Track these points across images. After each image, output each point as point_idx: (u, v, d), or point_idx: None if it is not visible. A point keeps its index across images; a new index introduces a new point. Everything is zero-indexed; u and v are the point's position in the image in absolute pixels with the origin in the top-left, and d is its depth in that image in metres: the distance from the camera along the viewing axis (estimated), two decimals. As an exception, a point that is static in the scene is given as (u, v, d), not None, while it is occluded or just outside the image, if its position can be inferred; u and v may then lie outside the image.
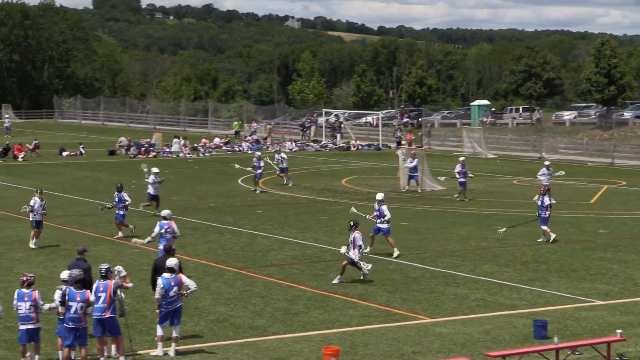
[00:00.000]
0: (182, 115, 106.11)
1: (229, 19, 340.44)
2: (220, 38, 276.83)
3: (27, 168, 60.56)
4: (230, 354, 19.75)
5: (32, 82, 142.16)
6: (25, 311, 18.72)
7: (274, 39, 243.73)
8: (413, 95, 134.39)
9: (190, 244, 32.55)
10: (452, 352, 19.79)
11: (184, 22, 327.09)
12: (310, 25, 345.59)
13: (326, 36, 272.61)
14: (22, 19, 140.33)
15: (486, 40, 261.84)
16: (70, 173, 57.12)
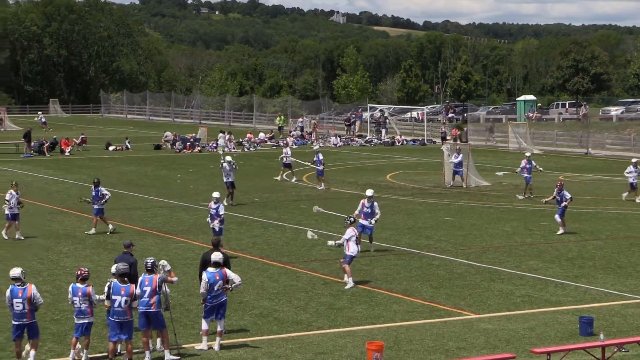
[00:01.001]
0: (227, 110, 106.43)
1: (274, 14, 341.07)
2: (266, 33, 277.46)
3: (74, 162, 60.99)
4: (274, 348, 19.79)
5: (79, 77, 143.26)
6: (80, 306, 18.86)
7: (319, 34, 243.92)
8: (458, 91, 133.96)
9: (235, 238, 32.65)
10: (497, 348, 19.72)
11: (230, 17, 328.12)
12: (356, 20, 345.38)
13: (371, 31, 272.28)
14: (68, 15, 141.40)
15: (533, 35, 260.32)
16: (116, 167, 57.47)
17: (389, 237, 32.87)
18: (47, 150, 66.09)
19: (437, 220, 36.92)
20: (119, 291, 18.71)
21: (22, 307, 18.51)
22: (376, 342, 19.01)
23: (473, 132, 79.77)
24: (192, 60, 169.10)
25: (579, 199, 42.50)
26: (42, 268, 27.66)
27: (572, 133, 76.23)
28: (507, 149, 71.50)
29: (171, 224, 35.84)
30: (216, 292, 19.73)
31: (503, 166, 58.12)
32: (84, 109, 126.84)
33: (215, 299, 19.73)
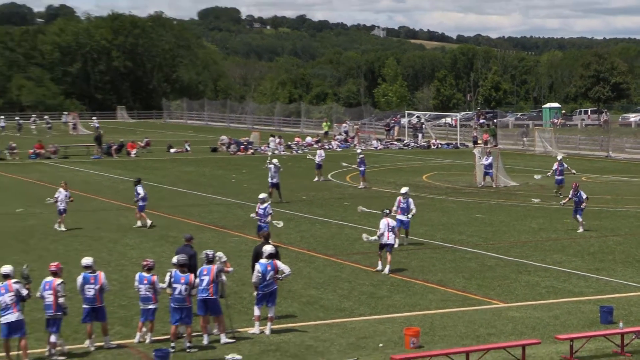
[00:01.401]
0: (277, 116, 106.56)
1: (320, 28, 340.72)
2: (313, 46, 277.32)
3: (139, 163, 61.41)
4: (320, 333, 19.85)
5: (144, 86, 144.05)
6: (145, 293, 19.05)
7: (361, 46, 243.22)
8: (489, 98, 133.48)
9: (285, 233, 32.71)
10: (524, 334, 19.66)
11: (280, 32, 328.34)
12: (395, 34, 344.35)
13: (409, 44, 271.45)
14: (133, 30, 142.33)
15: (557, 47, 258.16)
16: (177, 168, 57.79)
17: (425, 233, 32.84)
18: (115, 152, 66.60)
19: (469, 217, 36.82)
20: (179, 280, 18.87)
21: (93, 293, 18.72)
22: (413, 328, 19.04)
23: (502, 136, 79.41)
24: (246, 71, 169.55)
25: (600, 198, 42.23)
26: (111, 259, 27.92)
27: (593, 138, 75.59)
28: (533, 152, 71.10)
29: (227, 220, 36.01)
30: (268, 281, 19.82)
31: (531, 168, 57.84)
32: (147, 115, 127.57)
33: (267, 288, 19.82)
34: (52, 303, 18.15)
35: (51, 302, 18.15)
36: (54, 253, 28.67)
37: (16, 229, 33.59)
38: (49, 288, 18.21)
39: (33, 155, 63.86)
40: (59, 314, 18.21)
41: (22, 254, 28.55)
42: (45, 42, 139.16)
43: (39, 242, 31.03)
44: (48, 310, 18.18)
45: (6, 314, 17.68)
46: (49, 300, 18.16)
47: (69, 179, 50.15)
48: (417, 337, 18.71)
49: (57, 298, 18.16)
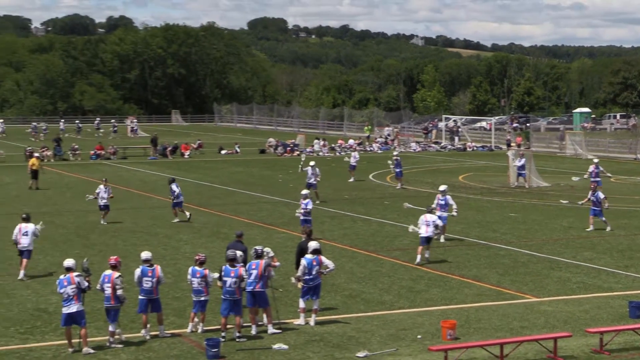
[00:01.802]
0: (322, 120, 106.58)
1: (362, 37, 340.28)
2: (355, 54, 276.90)
3: (192, 164, 61.69)
4: (362, 324, 19.79)
5: (196, 92, 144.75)
6: (197, 286, 19.07)
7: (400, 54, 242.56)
8: (522, 104, 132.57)
9: (328, 229, 32.72)
10: (556, 327, 19.46)
11: (324, 40, 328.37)
12: (433, 42, 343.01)
13: (446, 52, 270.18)
14: (186, 39, 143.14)
15: (587, 55, 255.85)
16: (227, 168, 57.97)
17: (461, 230, 32.65)
18: (170, 153, 66.96)
19: (503, 216, 36.56)
20: (229, 274, 18.88)
21: (150, 285, 18.79)
22: (450, 321, 18.92)
23: (534, 139, 78.82)
24: (292, 77, 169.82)
25: (629, 198, 41.78)
26: (166, 253, 28.03)
27: (622, 141, 74.75)
28: (564, 154, 70.49)
29: (274, 217, 36.05)
30: (313, 275, 19.79)
31: (562, 170, 57.35)
32: (200, 119, 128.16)
33: (312, 281, 19.80)
34: (110, 295, 18.25)
35: (110, 294, 18.25)
36: (113, 247, 28.86)
37: (78, 225, 33.86)
38: (108, 281, 18.31)
39: (94, 156, 64.39)
40: (117, 305, 18.31)
41: (83, 248, 28.77)
42: (106, 51, 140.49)
43: (99, 237, 31.25)
44: (107, 301, 18.28)
45: (68, 304, 17.81)
46: (108, 293, 18.26)
47: (127, 178, 50.59)
48: (453, 329, 18.59)
49: (114, 290, 18.25)
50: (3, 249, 28.64)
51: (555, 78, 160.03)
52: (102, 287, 18.34)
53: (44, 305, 21.44)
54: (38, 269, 25.61)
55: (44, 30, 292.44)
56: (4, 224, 33.86)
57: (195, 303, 19.14)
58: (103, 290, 18.34)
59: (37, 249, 27.67)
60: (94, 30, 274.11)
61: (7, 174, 52.97)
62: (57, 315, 19.52)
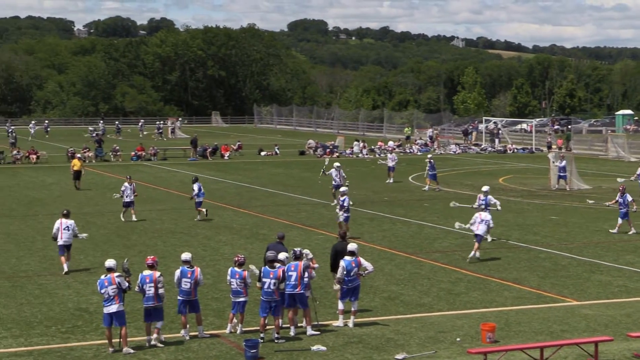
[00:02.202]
0: (361, 121, 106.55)
1: (402, 39, 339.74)
2: (395, 56, 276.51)
3: (231, 165, 61.92)
4: (400, 326, 19.75)
5: (236, 93, 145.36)
6: (236, 287, 19.14)
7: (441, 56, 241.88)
8: (563, 106, 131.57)
9: (367, 232, 32.69)
10: (597, 331, 19.29)
11: (364, 42, 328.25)
12: (473, 44, 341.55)
13: (487, 54, 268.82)
14: (227, 41, 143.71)
15: (630, 57, 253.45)
16: (267, 170, 58.11)
17: (502, 233, 32.47)
18: (210, 154, 67.26)
19: (544, 219, 36.31)
20: (268, 275, 18.91)
21: (188, 286, 18.87)
22: (489, 324, 18.83)
23: (576, 142, 78.21)
24: (332, 79, 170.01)
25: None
26: (205, 254, 28.16)
27: (665, 143, 73.90)
28: (606, 157, 69.86)
29: (313, 219, 36.08)
30: (352, 277, 19.79)
31: (603, 172, 56.85)
32: (240, 120, 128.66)
33: (351, 283, 19.78)
34: (153, 295, 18.36)
35: (152, 294, 18.35)
36: (153, 248, 29.05)
37: (118, 225, 34.13)
38: (150, 281, 18.41)
39: (134, 157, 64.86)
40: (160, 304, 18.43)
41: (124, 248, 28.99)
42: (148, 53, 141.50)
43: (139, 237, 31.47)
44: (149, 301, 18.37)
45: (109, 304, 17.96)
46: (150, 293, 18.36)
47: (167, 179, 50.91)
48: (493, 332, 18.50)
49: (157, 290, 18.37)
50: (45, 249, 28.96)
51: (598, 80, 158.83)
52: (141, 288, 18.44)
53: (85, 305, 21.64)
54: (79, 268, 25.84)
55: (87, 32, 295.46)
56: (48, 224, 34.24)
57: (234, 304, 19.20)
58: (143, 292, 18.43)
59: (79, 249, 27.97)
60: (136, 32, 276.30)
61: (49, 175, 53.54)
62: (98, 315, 19.70)
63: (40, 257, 27.75)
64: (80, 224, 33.75)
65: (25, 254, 28.30)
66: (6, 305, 21.62)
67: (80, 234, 26.46)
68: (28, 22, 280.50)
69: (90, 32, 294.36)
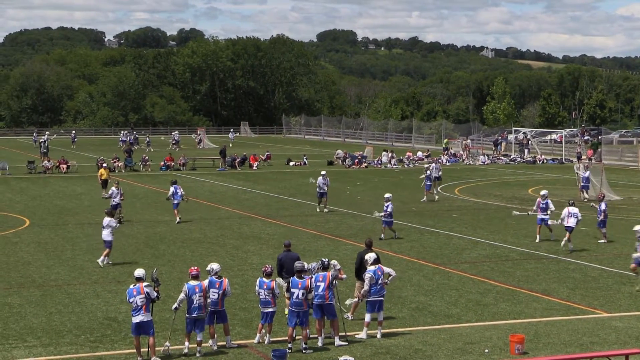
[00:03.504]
0: (390, 131, 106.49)
1: (431, 49, 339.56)
2: (424, 66, 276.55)
3: (260, 175, 62.05)
4: (429, 337, 19.69)
5: (265, 103, 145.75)
6: (265, 297, 19.17)
7: (470, 66, 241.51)
8: (593, 116, 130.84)
9: (395, 242, 32.62)
10: (627, 344, 19.13)
11: (393, 52, 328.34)
12: (503, 54, 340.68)
13: (516, 64, 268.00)
14: (255, 52, 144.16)
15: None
16: (295, 180, 58.12)
17: (530, 244, 32.31)
18: (238, 164, 67.45)
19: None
20: (296, 285, 18.92)
21: (216, 297, 18.90)
22: (518, 335, 18.74)
23: (606, 152, 77.73)
24: (361, 89, 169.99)
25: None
26: (233, 264, 28.21)
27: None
28: (637, 167, 69.34)
29: (341, 229, 36.05)
30: (379, 285, 19.75)
31: (634, 183, 56.45)
32: (268, 130, 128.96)
33: (378, 293, 19.76)
34: (202, 304, 18.44)
35: (202, 303, 18.43)
36: (182, 258, 29.15)
37: (147, 235, 34.27)
38: (199, 291, 18.47)
39: (164, 167, 65.14)
40: (204, 314, 18.52)
41: (152, 258, 29.10)
42: (178, 63, 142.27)
43: (167, 247, 31.57)
44: (197, 311, 18.39)
45: (137, 314, 18.03)
46: (199, 302, 18.42)
47: (195, 189, 51.07)
48: (522, 343, 18.40)
49: (206, 299, 18.49)
50: (74, 258, 29.13)
51: (629, 90, 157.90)
52: (189, 297, 18.45)
53: (113, 314, 21.74)
54: (108, 278, 25.99)
55: (117, 42, 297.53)
56: (76, 233, 34.50)
57: (262, 314, 19.22)
58: (191, 302, 18.45)
59: (108, 259, 28.17)
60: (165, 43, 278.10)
61: (79, 185, 53.88)
62: (127, 324, 19.79)
63: (69, 266, 27.92)
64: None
65: (54, 263, 28.49)
66: (36, 314, 21.77)
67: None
68: (59, 32, 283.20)
69: (121, 42, 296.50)
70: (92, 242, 32.19)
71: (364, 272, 20.22)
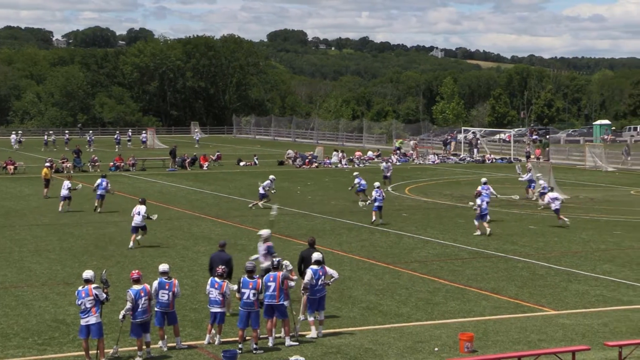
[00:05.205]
0: (341, 131, 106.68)
1: (381, 49, 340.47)
2: (374, 66, 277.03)
3: (210, 175, 61.82)
4: (379, 336, 19.76)
5: (215, 103, 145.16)
6: (215, 297, 19.12)
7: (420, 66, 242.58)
8: (542, 116, 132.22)
9: (346, 241, 32.70)
10: (574, 341, 19.36)
11: (344, 53, 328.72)
12: (452, 54, 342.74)
13: (465, 64, 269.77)
14: (206, 51, 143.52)
15: (608, 67, 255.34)
16: (246, 180, 58.00)
17: (479, 242, 32.57)
18: (189, 165, 67.15)
19: (522, 228, 36.44)
20: (247, 285, 18.89)
21: (166, 298, 18.81)
22: (467, 333, 18.87)
23: (554, 152, 78.60)
24: (311, 89, 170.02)
25: (649, 211, 41.57)
26: (183, 265, 28.08)
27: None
28: (583, 167, 70.21)
29: (292, 229, 36.05)
30: (319, 286, 19.80)
31: (581, 182, 57.16)
32: (219, 130, 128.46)
33: (319, 293, 19.81)
34: (147, 308, 18.31)
35: (147, 307, 18.30)
36: (131, 259, 28.94)
37: (96, 236, 33.97)
38: (144, 294, 18.34)
39: (113, 168, 64.61)
40: (149, 317, 18.40)
41: (101, 259, 28.85)
42: (126, 63, 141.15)
43: (117, 248, 31.32)
44: (142, 316, 18.23)
45: (86, 316, 17.86)
46: (145, 306, 18.29)
47: (145, 190, 50.70)
48: (471, 342, 18.53)
49: (150, 302, 18.40)
50: (21, 260, 28.79)
51: (576, 90, 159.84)
52: (135, 302, 18.21)
53: (62, 316, 21.52)
54: (57, 279, 25.72)
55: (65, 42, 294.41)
56: (24, 235, 34.09)
57: (212, 314, 19.16)
58: (137, 306, 18.23)
59: (56, 260, 27.88)
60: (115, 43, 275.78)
61: (26, 186, 53.27)
62: (75, 327, 19.59)
63: (17, 268, 27.58)
64: (57, 235, 33.74)
65: (1, 265, 28.11)
66: (-18, 317, 21.47)
67: (152, 215, 32.47)
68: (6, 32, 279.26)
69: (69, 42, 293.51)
70: (40, 243, 31.86)
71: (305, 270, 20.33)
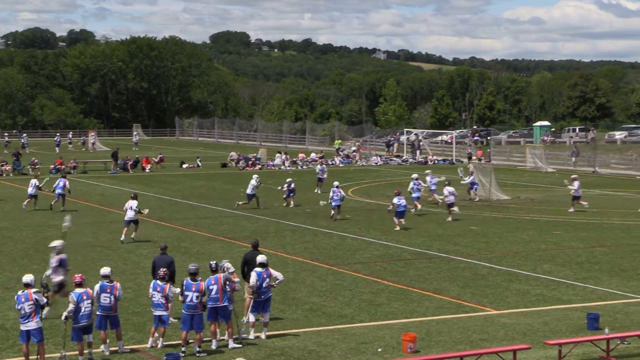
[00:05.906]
0: (284, 133, 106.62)
1: (324, 51, 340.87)
2: (317, 68, 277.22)
3: (153, 178, 61.39)
4: (322, 338, 19.78)
5: (158, 105, 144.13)
6: (158, 300, 19.00)
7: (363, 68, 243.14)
8: (483, 117, 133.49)
9: (289, 243, 32.69)
10: (515, 340, 19.57)
11: (287, 54, 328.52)
12: (394, 56, 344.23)
13: (408, 66, 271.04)
14: (149, 52, 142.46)
15: (547, 69, 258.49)
16: (188, 182, 57.75)
17: (422, 243, 32.78)
18: (131, 167, 66.62)
19: (464, 229, 36.74)
20: (190, 288, 18.81)
21: (108, 301, 18.65)
22: (410, 334, 18.98)
23: (495, 153, 79.40)
24: (254, 91, 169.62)
25: (587, 211, 42.16)
26: (126, 268, 27.86)
27: (581, 154, 75.44)
28: (524, 167, 71.02)
29: (235, 231, 35.96)
30: (264, 289, 19.79)
31: (522, 183, 57.80)
32: (161, 132, 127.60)
33: (264, 295, 19.79)
34: (90, 312, 18.10)
35: (90, 310, 18.09)
36: (73, 263, 28.52)
37: (36, 240, 33.55)
38: (86, 298, 18.12)
39: (54, 171, 63.82)
40: (91, 321, 18.21)
41: (42, 263, 28.44)
42: (67, 65, 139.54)
43: (58, 252, 30.88)
44: (85, 319, 18.02)
45: (26, 321, 17.62)
46: (88, 309, 18.08)
47: (87, 192, 50.22)
48: (414, 342, 18.64)
49: (93, 306, 18.21)
50: (-40, 265, 28.32)
51: (516, 92, 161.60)
52: (77, 305, 17.98)
53: (1, 321, 21.21)
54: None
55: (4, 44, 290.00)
56: (-38, 239, 33.52)
57: (155, 318, 19.04)
58: (80, 310, 18.03)
59: (-5, 265, 27.46)
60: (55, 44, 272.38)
61: (-35, 189, 52.42)
62: (15, 332, 19.32)
63: (-45, 273, 27.13)
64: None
65: (-61, 270, 27.64)
66: None
67: (143, 209, 33.78)
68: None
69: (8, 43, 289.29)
70: (-21, 248, 31.37)
71: (248, 273, 20.31)
